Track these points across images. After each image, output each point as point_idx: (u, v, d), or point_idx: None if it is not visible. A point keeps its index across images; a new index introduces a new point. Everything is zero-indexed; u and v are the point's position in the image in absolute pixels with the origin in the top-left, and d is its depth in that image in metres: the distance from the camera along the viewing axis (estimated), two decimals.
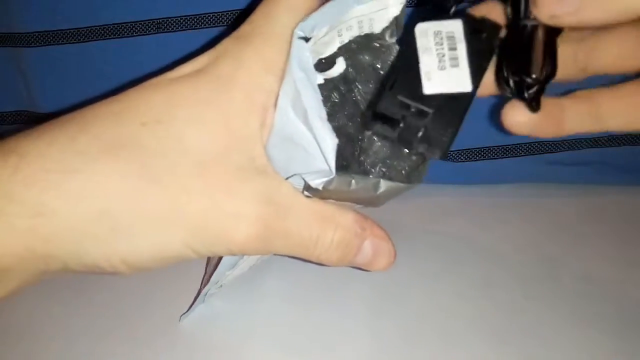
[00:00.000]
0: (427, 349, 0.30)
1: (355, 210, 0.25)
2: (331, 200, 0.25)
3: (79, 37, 0.38)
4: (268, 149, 0.23)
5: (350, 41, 0.25)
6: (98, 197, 0.20)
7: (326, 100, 0.24)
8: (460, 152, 0.40)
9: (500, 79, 0.24)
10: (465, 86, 0.24)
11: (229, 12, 0.36)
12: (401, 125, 0.24)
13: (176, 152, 0.21)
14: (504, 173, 0.41)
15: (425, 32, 0.24)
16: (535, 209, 0.41)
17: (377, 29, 0.26)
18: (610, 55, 0.26)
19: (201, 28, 0.37)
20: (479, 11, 0.25)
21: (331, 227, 0.23)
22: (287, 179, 0.23)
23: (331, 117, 0.24)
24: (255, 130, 0.22)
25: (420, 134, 0.24)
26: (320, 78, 0.24)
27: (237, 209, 0.21)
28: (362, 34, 0.26)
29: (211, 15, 0.37)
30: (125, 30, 0.37)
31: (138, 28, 0.37)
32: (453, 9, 0.25)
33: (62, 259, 0.20)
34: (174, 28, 0.37)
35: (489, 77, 0.25)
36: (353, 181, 0.24)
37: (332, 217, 0.23)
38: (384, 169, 0.26)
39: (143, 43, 0.37)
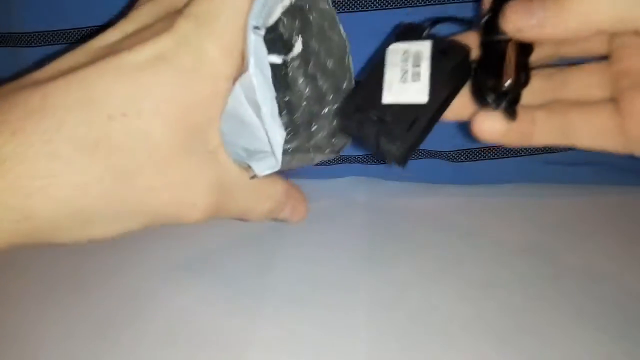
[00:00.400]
0: (427, 349, 0.30)
1: (282, 179, 0.29)
2: None
3: (79, 37, 0.38)
4: (220, 123, 0.25)
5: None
6: (76, 199, 0.22)
7: (281, 81, 0.27)
8: (460, 152, 0.40)
9: (477, 91, 0.26)
10: (422, 98, 0.25)
11: None
12: (363, 130, 0.26)
13: (143, 150, 0.23)
14: (504, 173, 0.41)
15: (396, 51, 0.27)
16: (535, 209, 0.41)
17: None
18: (576, 86, 0.28)
19: None
20: (458, 38, 0.27)
21: (264, 200, 0.28)
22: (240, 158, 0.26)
23: (284, 94, 0.28)
24: (215, 118, 0.24)
25: (379, 142, 0.26)
26: (278, 59, 0.26)
27: (193, 201, 0.24)
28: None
29: None
30: None
31: None
32: (427, 32, 0.27)
33: (36, 243, 0.23)
34: None
35: (463, 98, 0.26)
36: (294, 161, 0.28)
37: (266, 192, 0.28)
38: (321, 147, 0.29)
39: None
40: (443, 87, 0.26)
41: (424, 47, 0.26)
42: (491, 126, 0.26)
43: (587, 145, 0.27)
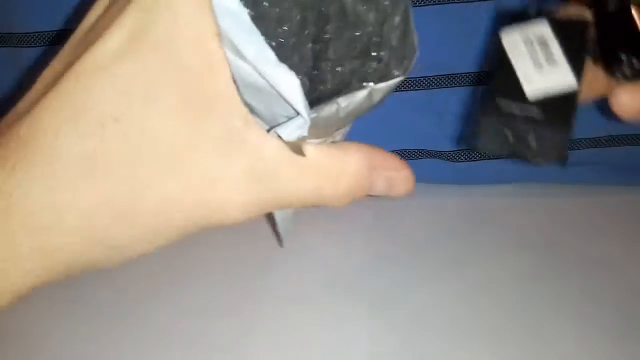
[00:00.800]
0: (428, 349, 0.30)
1: (359, 146, 0.22)
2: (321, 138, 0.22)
3: None
4: (245, 99, 0.20)
5: None
6: (90, 227, 0.20)
7: (274, 29, 0.19)
8: (460, 152, 0.40)
9: (615, 65, 0.23)
10: (569, 81, 0.22)
11: None
12: (510, 139, 0.23)
13: (147, 153, 0.19)
14: (504, 173, 0.41)
15: (512, 37, 0.23)
16: (535, 209, 0.41)
17: None
18: None
19: None
20: (560, 13, 0.24)
21: (334, 178, 0.21)
22: (272, 128, 0.20)
23: (283, 48, 0.20)
24: (224, 88, 0.19)
25: (532, 143, 0.23)
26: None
27: (226, 199, 0.20)
28: None
29: None
30: None
31: None
32: (535, 11, 0.24)
33: (70, 275, 0.21)
34: None
35: (589, 76, 0.24)
36: (340, 107, 0.20)
37: (334, 167, 0.21)
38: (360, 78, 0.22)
39: None
40: (579, 66, 0.23)
41: (543, 28, 0.23)
42: (633, 99, 0.23)
43: None
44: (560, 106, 0.22)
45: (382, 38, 0.20)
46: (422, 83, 0.37)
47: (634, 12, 0.23)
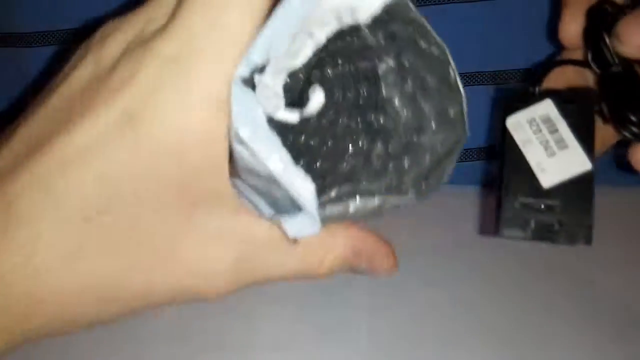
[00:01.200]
0: (426, 351, 0.30)
1: (347, 231, 0.23)
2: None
3: (80, 38, 0.38)
4: (241, 177, 0.20)
5: (328, 41, 0.20)
6: (68, 315, 0.19)
7: (304, 145, 0.19)
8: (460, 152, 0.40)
9: (625, 124, 0.23)
10: (584, 164, 0.23)
11: None
12: (533, 227, 0.23)
13: (136, 246, 0.19)
14: None
15: (519, 124, 0.23)
16: None
17: (362, 19, 0.20)
18: None
19: None
20: (558, 80, 0.25)
21: (318, 260, 0.22)
22: (275, 216, 0.20)
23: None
24: (224, 190, 0.19)
25: (556, 229, 0.23)
26: (294, 117, 0.19)
27: (209, 286, 0.20)
28: (343, 28, 0.20)
29: None
30: None
31: None
32: (537, 90, 0.24)
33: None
34: None
35: (599, 133, 0.24)
36: (348, 211, 0.20)
37: (319, 250, 0.21)
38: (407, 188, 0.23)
39: None
40: (591, 141, 0.23)
41: (548, 108, 0.23)
42: None
43: None
44: (578, 190, 0.22)
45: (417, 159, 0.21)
46: None
47: (637, 68, 0.23)
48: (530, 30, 0.35)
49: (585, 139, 0.23)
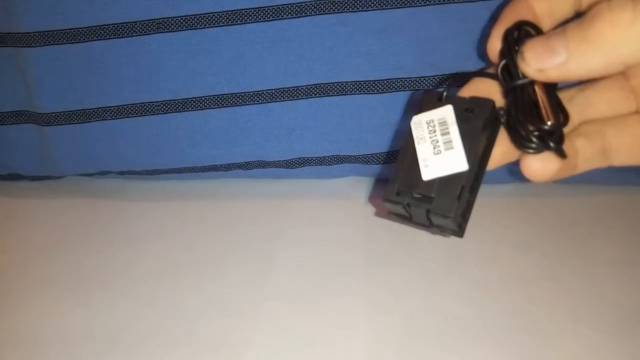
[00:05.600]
0: (426, 349, 0.30)
1: None
2: None
3: (79, 37, 0.38)
4: None
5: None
6: None
7: None
8: None
9: (520, 139, 0.25)
10: (461, 166, 0.25)
11: (229, 12, 0.36)
12: (409, 211, 0.26)
13: None
14: (504, 173, 0.41)
15: (420, 123, 0.26)
16: (535, 209, 0.41)
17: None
18: (601, 106, 0.27)
19: (201, 28, 0.37)
20: (470, 90, 0.27)
21: None
22: None
23: None
24: None
25: (428, 216, 0.25)
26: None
27: None
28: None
29: (211, 15, 0.37)
30: (125, 30, 0.37)
31: (138, 28, 0.37)
32: (444, 95, 0.26)
33: None
34: (175, 28, 0.37)
35: (502, 146, 0.26)
36: None
37: None
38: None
39: (143, 43, 0.37)
40: (479, 146, 0.25)
41: (447, 112, 0.26)
42: (543, 168, 0.25)
43: (624, 161, 0.27)
44: (450, 186, 0.25)
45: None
46: (423, 83, 0.37)
47: (537, 87, 0.25)
48: None
49: (471, 143, 0.25)
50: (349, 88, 0.38)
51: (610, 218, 0.39)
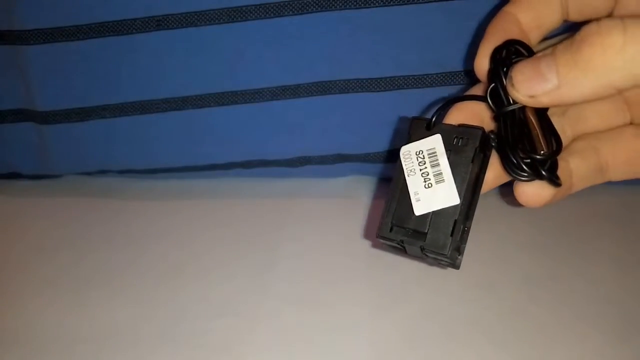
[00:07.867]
0: (428, 349, 0.30)
1: None
2: None
3: (78, 35, 0.37)
4: None
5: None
6: None
7: None
8: None
9: (511, 167, 0.24)
10: (453, 200, 0.24)
11: (230, 9, 0.36)
12: (403, 247, 0.25)
13: None
14: None
15: (409, 154, 0.25)
16: (535, 209, 0.40)
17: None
18: (594, 119, 0.27)
19: (201, 25, 0.37)
20: (460, 113, 0.26)
21: None
22: None
23: None
24: None
25: (423, 252, 0.25)
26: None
27: None
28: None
29: (211, 12, 0.36)
30: (124, 27, 0.37)
31: (138, 25, 0.37)
32: (433, 122, 0.25)
33: None
34: (174, 25, 0.37)
35: (494, 170, 0.25)
36: None
37: None
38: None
39: (143, 41, 0.37)
40: (471, 175, 0.24)
41: (436, 142, 0.25)
42: (537, 195, 0.24)
43: (621, 177, 0.26)
44: (443, 222, 0.24)
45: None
46: (425, 81, 0.37)
47: (527, 111, 0.24)
48: None
49: (462, 173, 0.24)
50: (351, 86, 0.38)
51: (615, 218, 0.39)
